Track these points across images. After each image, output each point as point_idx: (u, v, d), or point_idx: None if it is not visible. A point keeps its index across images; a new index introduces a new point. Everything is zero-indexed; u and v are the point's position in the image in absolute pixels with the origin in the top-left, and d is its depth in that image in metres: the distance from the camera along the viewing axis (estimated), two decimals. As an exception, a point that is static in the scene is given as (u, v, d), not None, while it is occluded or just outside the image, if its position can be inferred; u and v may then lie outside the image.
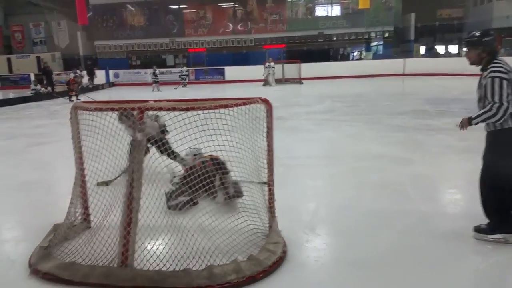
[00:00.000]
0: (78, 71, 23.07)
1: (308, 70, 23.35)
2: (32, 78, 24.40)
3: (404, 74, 24.31)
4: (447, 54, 28.17)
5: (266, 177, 3.57)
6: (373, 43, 30.01)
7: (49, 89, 21.57)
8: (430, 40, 30.19)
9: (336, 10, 29.58)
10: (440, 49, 29.50)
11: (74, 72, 22.60)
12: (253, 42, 29.79)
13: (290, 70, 23.02)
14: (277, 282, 2.96)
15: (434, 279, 2.96)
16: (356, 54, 30.33)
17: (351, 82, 22.01)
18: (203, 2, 29.85)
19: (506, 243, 3.37)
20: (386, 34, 29.10)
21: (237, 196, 4.26)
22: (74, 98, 16.90)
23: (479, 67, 3.41)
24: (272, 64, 21.95)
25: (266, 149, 3.52)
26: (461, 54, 23.26)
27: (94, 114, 3.31)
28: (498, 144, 3.33)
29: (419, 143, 7.27)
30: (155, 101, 3.22)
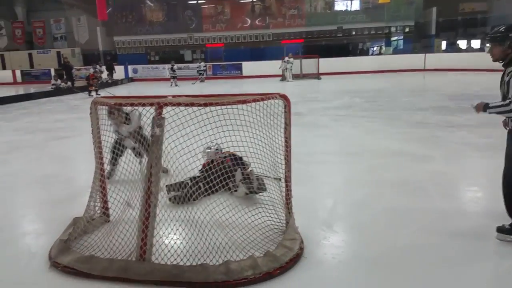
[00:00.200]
0: (97, 67, 23.38)
1: (326, 65, 23.20)
2: (52, 73, 24.83)
3: (424, 70, 23.97)
4: (469, 49, 27.59)
5: (283, 173, 3.55)
6: (393, 38, 29.55)
7: (69, 84, 21.90)
8: (452, 35, 29.58)
9: (355, 5, 29.19)
10: (462, 44, 28.90)
11: (94, 67, 22.92)
12: (271, 37, 29.63)
13: (308, 65, 22.90)
14: (294, 278, 2.94)
15: (453, 279, 2.90)
16: (375, 49, 29.96)
17: (371, 78, 21.78)
18: (221, -3, 29.88)
19: None
20: (407, 29, 28.61)
21: (260, 191, 4.25)
22: (93, 93, 17.13)
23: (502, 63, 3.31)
24: (291, 59, 21.84)
25: (283, 145, 3.49)
26: (483, 49, 22.72)
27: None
28: None
29: (440, 140, 7.14)
30: (174, 96, 3.22)
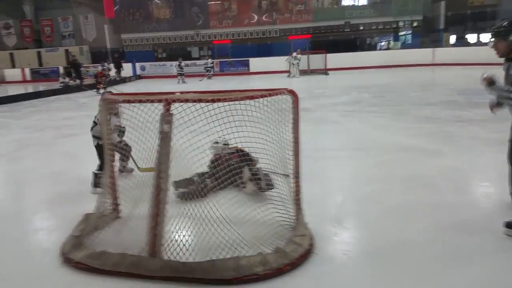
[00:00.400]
0: (105, 64, 23.49)
1: (334, 60, 23.10)
2: (61, 71, 25.00)
3: (433, 64, 23.77)
4: (478, 44, 27.25)
5: (292, 169, 3.53)
6: (401, 33, 29.27)
7: (77, 81, 22.04)
8: (461, 29, 29.21)
9: (363, -1, 29.06)
10: (471, 38, 28.57)
11: (102, 65, 23.03)
12: (278, 33, 29.51)
13: (316, 61, 22.79)
14: (304, 275, 2.93)
15: (466, 276, 2.88)
16: (383, 44, 29.74)
17: (379, 73, 21.65)
18: (228, -7, 29.82)
19: None
20: (415, 23, 28.32)
21: (268, 189, 4.23)
22: (102, 91, 17.20)
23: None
24: (298, 56, 21.74)
25: (292, 141, 3.48)
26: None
27: (123, 106, 3.35)
28: None
29: (450, 135, 7.08)
30: (181, 92, 3.22)
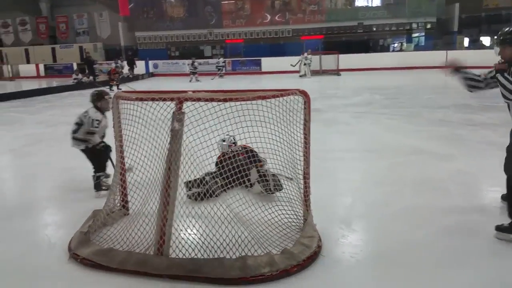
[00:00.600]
0: (119, 61, 23.65)
1: (346, 61, 22.98)
2: (74, 67, 25.23)
3: (446, 67, 23.48)
4: (493, 46, 26.91)
5: (302, 169, 3.53)
6: (414, 34, 29.06)
7: (91, 78, 22.22)
8: (475, 31, 28.90)
9: (376, 0, 28.80)
10: (485, 41, 28.23)
11: (115, 62, 23.20)
12: (290, 33, 29.47)
13: (328, 61, 22.73)
14: (311, 277, 2.92)
15: (474, 280, 2.85)
16: (396, 45, 29.53)
17: (391, 74, 21.50)
18: (242, -7, 29.85)
19: None
20: (428, 25, 28.07)
21: (276, 190, 4.21)
22: (115, 88, 17.34)
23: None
24: (309, 56, 21.69)
25: (302, 141, 3.47)
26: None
27: (135, 103, 3.36)
28: None
29: (462, 139, 7.01)
30: (193, 91, 3.23)
